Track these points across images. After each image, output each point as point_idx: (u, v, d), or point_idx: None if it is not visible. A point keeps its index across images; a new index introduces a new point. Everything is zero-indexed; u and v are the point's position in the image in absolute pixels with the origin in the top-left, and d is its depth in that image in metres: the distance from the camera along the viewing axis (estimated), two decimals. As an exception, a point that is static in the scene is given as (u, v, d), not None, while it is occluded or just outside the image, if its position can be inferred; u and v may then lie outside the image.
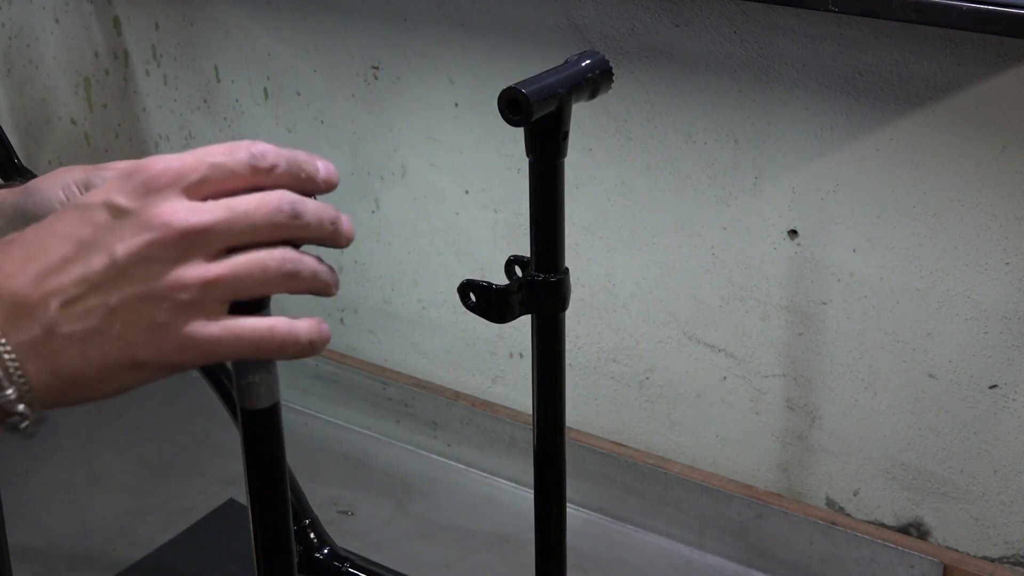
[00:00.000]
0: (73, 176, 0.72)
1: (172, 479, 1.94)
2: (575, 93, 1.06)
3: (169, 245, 0.55)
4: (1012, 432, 1.57)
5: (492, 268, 1.84)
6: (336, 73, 1.93)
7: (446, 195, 1.89)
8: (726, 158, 1.63)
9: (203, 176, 0.57)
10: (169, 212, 0.55)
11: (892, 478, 1.68)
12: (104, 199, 0.56)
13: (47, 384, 0.55)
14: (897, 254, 1.55)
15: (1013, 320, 1.51)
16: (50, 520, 1.88)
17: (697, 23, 1.58)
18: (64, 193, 0.71)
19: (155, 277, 0.55)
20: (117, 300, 0.55)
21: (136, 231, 0.55)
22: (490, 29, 1.75)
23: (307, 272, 0.59)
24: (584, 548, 1.81)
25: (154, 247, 0.55)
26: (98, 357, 0.55)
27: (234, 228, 0.56)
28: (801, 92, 1.54)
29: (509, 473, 1.96)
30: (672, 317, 1.76)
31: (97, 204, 0.56)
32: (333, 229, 0.61)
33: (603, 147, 1.71)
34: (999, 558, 1.64)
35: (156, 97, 2.17)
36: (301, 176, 0.61)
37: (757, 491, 1.78)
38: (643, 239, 1.74)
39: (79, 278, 0.55)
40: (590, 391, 1.89)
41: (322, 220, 0.60)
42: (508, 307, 1.12)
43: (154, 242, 0.55)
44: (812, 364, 1.67)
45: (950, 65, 1.43)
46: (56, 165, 2.36)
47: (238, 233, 0.57)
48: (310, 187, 0.62)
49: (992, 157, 1.45)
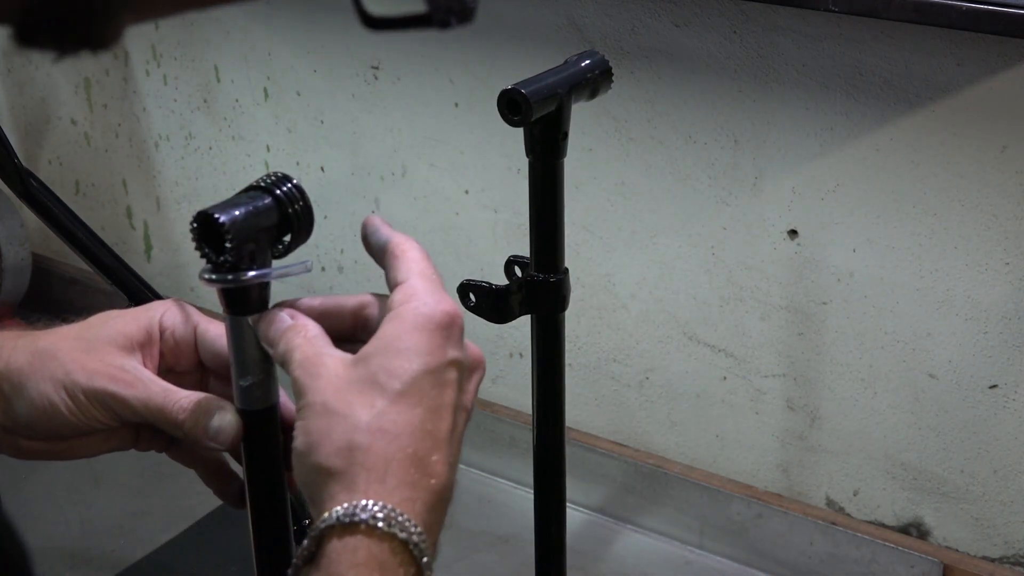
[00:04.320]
0: (61, 374, 0.68)
1: (172, 479, 1.93)
2: (575, 93, 1.06)
3: (483, 377, 0.65)
4: (1012, 432, 1.57)
5: (492, 268, 1.84)
6: (336, 73, 1.93)
7: (446, 195, 1.89)
8: (726, 158, 1.62)
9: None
10: (478, 348, 0.63)
11: (892, 478, 1.68)
12: (449, 358, 0.60)
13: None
14: (897, 254, 1.55)
15: (1013, 320, 1.51)
16: (50, 520, 1.88)
17: (697, 23, 1.58)
18: (56, 397, 0.67)
19: (473, 404, 0.64)
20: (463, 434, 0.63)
21: (471, 375, 0.63)
22: (490, 29, 1.75)
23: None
24: (584, 548, 1.81)
25: (479, 384, 0.64)
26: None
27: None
28: (801, 92, 1.54)
29: (509, 473, 1.96)
30: (672, 317, 1.76)
31: (444, 364, 0.60)
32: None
33: (603, 147, 1.71)
34: (999, 558, 1.64)
35: (156, 97, 2.17)
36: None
37: (757, 491, 1.78)
38: (643, 239, 1.74)
39: (459, 443, 0.61)
40: (590, 391, 1.89)
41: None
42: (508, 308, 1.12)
43: (479, 381, 0.64)
44: (812, 364, 1.67)
45: (950, 65, 1.43)
46: (56, 165, 2.36)
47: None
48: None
49: (992, 157, 1.45)
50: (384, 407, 0.57)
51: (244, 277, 0.62)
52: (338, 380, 0.59)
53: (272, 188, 0.63)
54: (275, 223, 0.63)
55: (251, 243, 0.62)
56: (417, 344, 0.59)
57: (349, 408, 0.58)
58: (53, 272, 2.44)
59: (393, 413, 0.58)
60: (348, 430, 0.57)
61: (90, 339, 0.69)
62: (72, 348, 0.68)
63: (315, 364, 0.60)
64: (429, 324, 0.59)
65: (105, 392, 0.67)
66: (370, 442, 0.57)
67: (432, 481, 0.58)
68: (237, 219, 0.61)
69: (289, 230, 0.63)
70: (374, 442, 0.57)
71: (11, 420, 0.68)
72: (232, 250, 0.61)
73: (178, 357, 0.71)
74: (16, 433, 0.69)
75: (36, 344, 0.69)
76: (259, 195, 0.63)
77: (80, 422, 0.68)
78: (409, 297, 0.60)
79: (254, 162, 2.09)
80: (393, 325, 0.59)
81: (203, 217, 0.60)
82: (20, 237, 2.30)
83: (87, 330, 0.70)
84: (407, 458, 0.57)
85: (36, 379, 0.68)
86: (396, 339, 0.59)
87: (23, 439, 0.69)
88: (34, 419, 0.68)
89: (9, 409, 0.68)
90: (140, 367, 0.69)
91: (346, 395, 0.58)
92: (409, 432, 0.58)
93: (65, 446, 0.70)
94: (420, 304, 0.60)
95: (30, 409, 0.68)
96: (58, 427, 0.68)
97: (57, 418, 0.68)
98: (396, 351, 0.58)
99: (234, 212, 0.61)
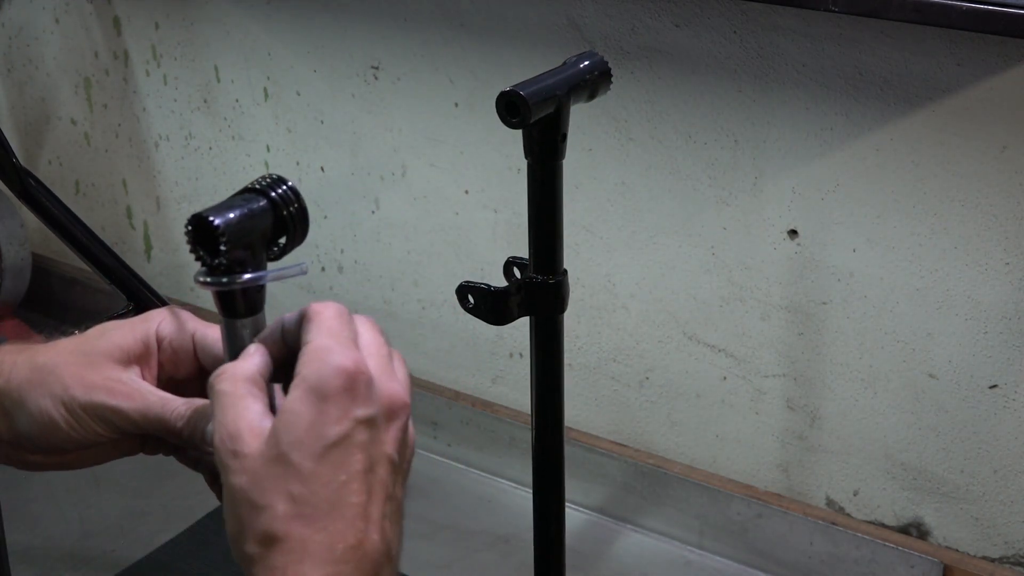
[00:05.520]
0: (59, 389, 0.69)
1: (172, 479, 1.93)
2: (573, 95, 1.06)
3: (407, 418, 0.63)
4: (1012, 432, 1.56)
5: (492, 268, 1.84)
6: (336, 73, 1.93)
7: (446, 195, 1.89)
8: (726, 158, 1.62)
9: (389, 353, 0.63)
10: (397, 391, 0.62)
11: (892, 478, 1.68)
12: (355, 419, 0.59)
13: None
14: (897, 254, 1.55)
15: (1013, 320, 1.51)
16: (50, 520, 1.88)
17: (697, 23, 1.58)
18: (55, 413, 0.68)
19: (406, 446, 0.63)
20: (401, 487, 0.62)
21: (388, 426, 0.61)
22: (490, 29, 1.75)
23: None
24: (584, 548, 1.81)
25: (405, 427, 0.62)
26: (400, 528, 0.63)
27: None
28: (801, 92, 1.54)
29: (509, 473, 1.96)
30: (672, 317, 1.76)
31: (349, 430, 0.59)
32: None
33: (603, 147, 1.71)
34: (999, 558, 1.64)
35: (156, 97, 2.17)
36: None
37: (757, 491, 1.78)
38: (643, 239, 1.74)
39: (384, 500, 0.60)
40: (590, 391, 1.89)
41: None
42: (506, 309, 1.12)
43: (405, 423, 0.62)
44: (812, 364, 1.67)
45: (950, 65, 1.43)
46: (56, 165, 2.36)
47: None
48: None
49: (992, 157, 1.45)
50: (299, 492, 0.58)
51: (239, 280, 0.62)
52: (254, 461, 0.59)
53: (267, 190, 0.63)
54: (270, 225, 0.63)
55: (246, 246, 0.62)
56: (321, 414, 0.59)
57: (264, 498, 0.58)
58: (53, 272, 2.44)
59: (308, 496, 0.58)
60: (266, 520, 0.58)
61: (87, 353, 0.69)
62: (70, 363, 0.69)
63: (234, 437, 0.60)
64: (329, 389, 0.59)
65: (103, 406, 0.68)
66: (287, 530, 0.58)
67: (359, 552, 0.59)
68: (232, 222, 0.60)
69: (284, 232, 0.63)
70: (291, 530, 0.58)
71: (14, 435, 0.69)
72: (227, 253, 0.60)
73: (177, 366, 0.71)
74: (21, 447, 0.70)
75: (35, 360, 0.70)
76: (254, 197, 0.63)
77: (80, 436, 0.68)
78: (310, 360, 0.60)
79: (254, 162, 2.09)
80: (295, 396, 0.59)
81: (198, 220, 0.60)
82: (20, 237, 2.30)
83: (84, 344, 0.70)
84: (326, 538, 0.58)
85: (36, 395, 0.68)
86: (299, 413, 0.59)
87: (28, 453, 0.70)
88: (35, 434, 0.69)
89: (12, 425, 0.69)
90: (137, 379, 0.69)
91: (261, 482, 0.58)
92: (325, 513, 0.58)
93: (72, 457, 0.71)
94: (320, 367, 0.59)
95: (31, 425, 0.68)
96: (60, 441, 0.69)
97: (58, 433, 0.68)
98: (303, 426, 0.59)
99: (229, 215, 0.61)
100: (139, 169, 2.26)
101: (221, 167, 2.14)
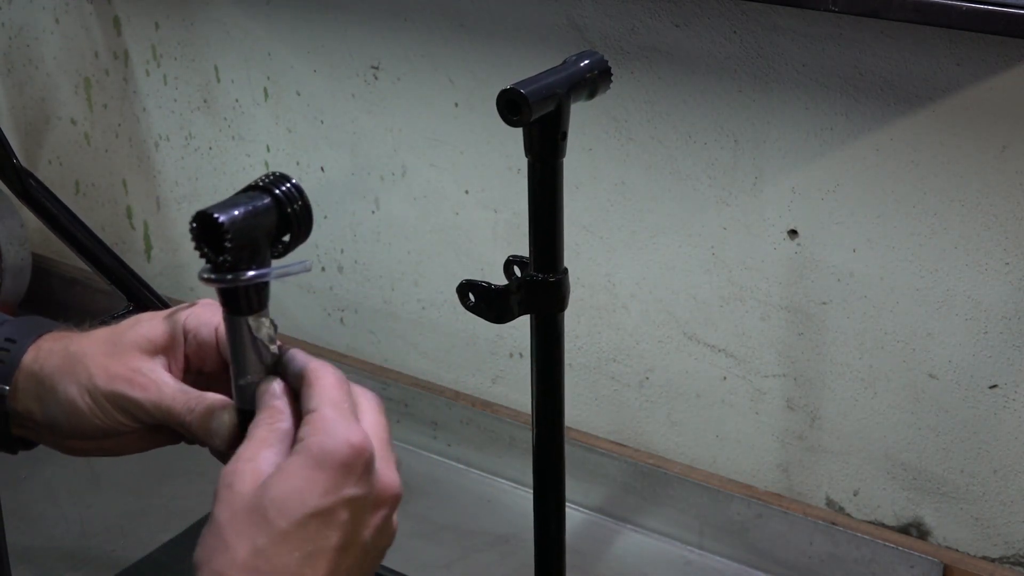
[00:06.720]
0: (85, 378, 0.70)
1: (172, 479, 1.93)
2: (573, 93, 1.06)
3: (395, 507, 0.64)
4: (1012, 432, 1.57)
5: (492, 268, 1.84)
6: (336, 73, 1.93)
7: (446, 195, 1.89)
8: (726, 158, 1.63)
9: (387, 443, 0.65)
10: (392, 480, 0.63)
11: (892, 478, 1.68)
12: (343, 497, 0.60)
13: None
14: (897, 254, 1.55)
15: (1013, 320, 1.51)
16: (50, 520, 1.89)
17: (697, 23, 1.58)
18: (80, 401, 0.70)
19: (385, 535, 0.63)
20: (369, 569, 0.62)
21: (374, 512, 0.62)
22: (490, 29, 1.75)
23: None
24: (584, 548, 1.81)
25: (389, 517, 0.63)
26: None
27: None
28: (801, 92, 1.54)
29: (509, 473, 1.96)
30: (672, 317, 1.76)
31: (336, 505, 0.60)
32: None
33: (603, 147, 1.71)
34: (999, 558, 1.64)
35: (156, 97, 2.17)
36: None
37: (757, 491, 1.78)
38: (643, 239, 1.74)
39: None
40: (590, 391, 1.89)
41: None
42: (507, 307, 1.12)
43: (391, 513, 0.63)
44: (812, 364, 1.67)
45: (950, 65, 1.43)
46: (56, 165, 2.36)
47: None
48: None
49: (992, 157, 1.45)
50: (264, 546, 0.58)
51: (243, 277, 0.62)
52: (240, 501, 0.60)
53: (271, 188, 0.63)
54: (274, 223, 0.63)
55: (250, 243, 0.62)
56: (312, 483, 0.59)
57: (233, 539, 0.59)
58: (53, 272, 2.44)
59: (271, 553, 0.58)
60: (225, 562, 0.59)
61: (116, 343, 0.70)
62: (98, 352, 0.70)
63: (238, 473, 0.61)
64: (328, 461, 0.59)
65: (122, 396, 0.69)
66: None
67: None
68: (236, 219, 0.61)
69: (288, 230, 0.63)
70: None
71: (48, 420, 0.70)
72: (231, 250, 0.61)
73: (203, 359, 0.72)
74: (57, 432, 0.71)
75: (69, 348, 0.71)
76: (258, 195, 0.63)
77: (104, 424, 0.69)
78: (315, 430, 0.61)
79: (254, 162, 2.09)
80: (295, 459, 0.60)
81: (202, 217, 0.60)
82: (20, 237, 2.30)
83: (115, 334, 0.71)
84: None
85: (65, 382, 0.70)
86: (293, 475, 0.59)
87: (64, 438, 0.71)
88: (63, 421, 0.70)
89: (45, 410, 0.70)
90: (159, 369, 0.70)
91: (236, 523, 0.59)
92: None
93: (111, 444, 0.72)
94: (324, 438, 0.60)
95: (59, 411, 0.70)
96: (86, 429, 0.70)
97: (84, 420, 0.69)
98: (291, 488, 0.59)
99: (233, 212, 0.61)
100: (139, 169, 2.26)
101: (221, 167, 2.14)
